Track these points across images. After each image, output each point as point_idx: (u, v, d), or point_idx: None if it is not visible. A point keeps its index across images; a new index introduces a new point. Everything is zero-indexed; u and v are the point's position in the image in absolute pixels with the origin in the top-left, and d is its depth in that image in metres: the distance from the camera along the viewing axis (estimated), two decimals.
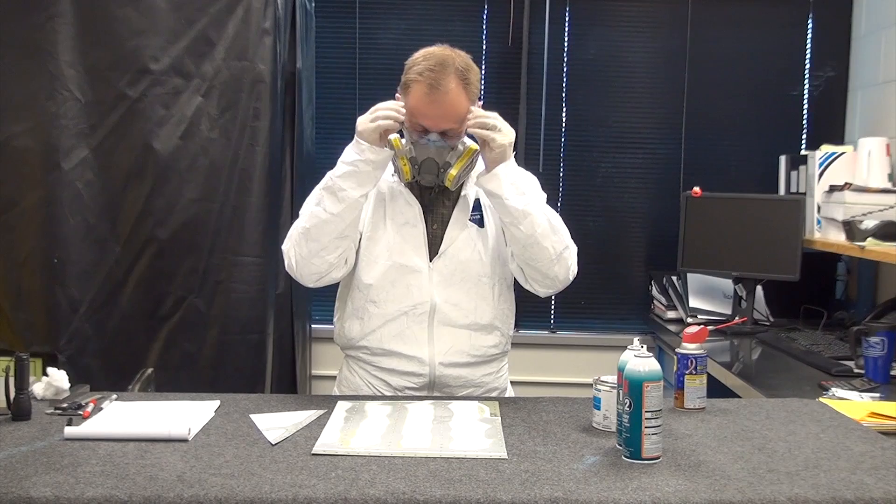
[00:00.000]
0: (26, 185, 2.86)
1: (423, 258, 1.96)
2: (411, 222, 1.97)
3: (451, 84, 1.86)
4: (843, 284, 3.38)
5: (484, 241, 2.00)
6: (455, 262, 1.97)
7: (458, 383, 1.99)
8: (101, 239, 2.90)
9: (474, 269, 1.98)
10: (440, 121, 1.89)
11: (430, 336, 1.97)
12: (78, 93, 2.85)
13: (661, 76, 3.59)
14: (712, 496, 1.30)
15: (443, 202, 2.00)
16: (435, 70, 1.86)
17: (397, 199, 1.99)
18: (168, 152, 2.88)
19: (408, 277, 1.95)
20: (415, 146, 1.91)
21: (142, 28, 2.85)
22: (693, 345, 1.81)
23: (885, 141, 3.00)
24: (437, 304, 1.96)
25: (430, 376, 1.97)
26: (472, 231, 1.99)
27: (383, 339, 1.98)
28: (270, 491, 1.30)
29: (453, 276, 1.97)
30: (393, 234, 1.97)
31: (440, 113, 1.88)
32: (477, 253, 1.98)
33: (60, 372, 1.86)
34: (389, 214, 1.98)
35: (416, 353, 1.96)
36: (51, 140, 2.83)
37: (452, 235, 1.97)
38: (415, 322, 1.96)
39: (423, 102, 1.87)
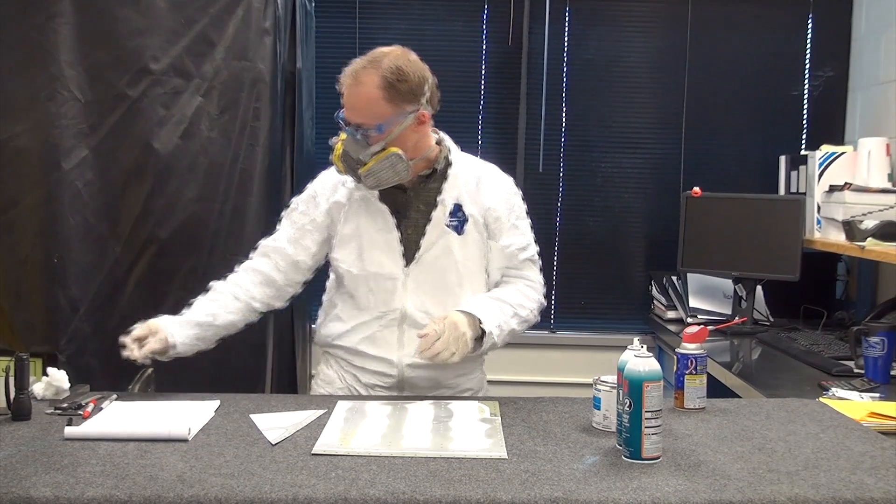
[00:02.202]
0: (26, 185, 2.86)
1: (398, 264, 1.97)
2: (384, 228, 1.97)
3: (369, 80, 1.85)
4: (843, 284, 3.38)
5: (462, 249, 1.99)
6: (431, 268, 1.97)
7: (428, 384, 2.00)
8: (101, 239, 2.90)
9: (450, 276, 1.98)
10: (352, 113, 1.89)
11: (399, 340, 1.98)
12: (78, 93, 2.84)
13: (661, 76, 3.59)
14: (712, 496, 1.30)
15: (417, 206, 1.99)
16: (362, 63, 1.88)
17: (370, 206, 1.99)
18: (168, 152, 2.88)
19: (384, 284, 1.97)
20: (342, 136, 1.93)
21: (142, 28, 2.85)
22: (693, 345, 1.81)
23: (885, 141, 3.00)
24: (408, 311, 1.97)
25: (399, 377, 1.99)
26: (449, 237, 1.98)
27: (355, 340, 2.01)
28: (270, 491, 1.30)
29: (427, 283, 1.97)
30: (366, 242, 1.98)
31: (352, 104, 1.88)
32: (453, 261, 1.98)
33: (60, 372, 1.86)
34: (363, 222, 1.99)
35: (386, 355, 1.99)
36: (51, 140, 2.83)
37: (430, 241, 1.97)
38: (385, 326, 1.99)
39: (345, 92, 1.89)
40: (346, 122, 1.90)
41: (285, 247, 2.05)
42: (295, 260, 2.05)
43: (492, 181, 2.06)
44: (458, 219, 1.98)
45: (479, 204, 2.01)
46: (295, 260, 2.05)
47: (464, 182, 2.01)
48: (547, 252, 3.63)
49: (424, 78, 1.92)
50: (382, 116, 1.87)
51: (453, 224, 1.98)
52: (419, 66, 1.92)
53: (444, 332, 1.82)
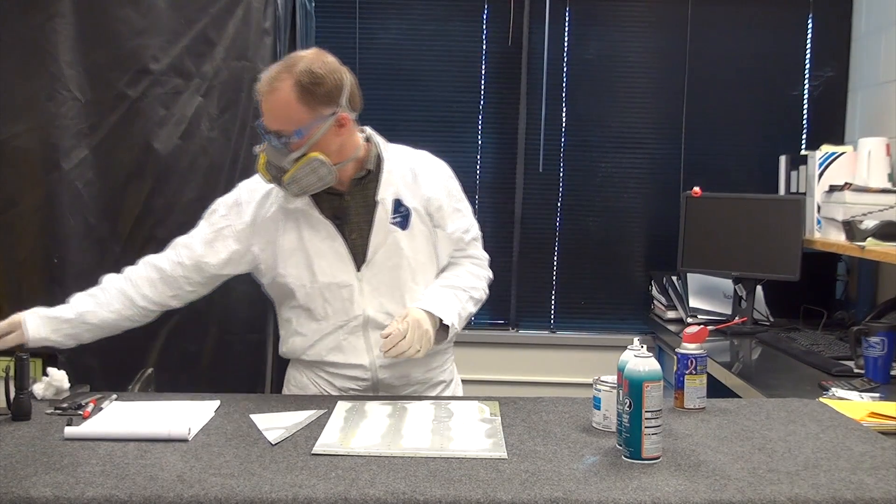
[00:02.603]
0: (26, 185, 2.85)
1: (349, 271, 1.95)
2: (328, 237, 1.94)
3: (283, 85, 1.82)
4: (843, 284, 3.38)
5: (410, 244, 1.96)
6: (383, 269, 1.95)
7: (401, 382, 2.00)
8: (101, 239, 2.89)
9: (403, 273, 1.96)
10: (270, 120, 1.86)
11: (367, 344, 1.97)
12: (78, 93, 2.84)
13: (661, 76, 3.59)
14: (712, 496, 1.30)
15: (358, 211, 1.96)
16: (277, 69, 1.85)
17: (309, 218, 1.95)
18: (168, 152, 2.88)
19: (341, 293, 1.95)
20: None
21: (142, 28, 2.85)
22: (693, 345, 1.81)
23: (885, 141, 3.00)
24: (369, 316, 1.95)
25: (373, 379, 1.99)
26: (396, 235, 1.95)
27: (322, 352, 1.99)
28: (270, 491, 1.30)
29: (382, 285, 1.95)
30: (313, 254, 1.95)
31: (269, 111, 1.86)
32: (404, 258, 1.95)
33: (60, 372, 1.86)
34: (305, 235, 1.95)
35: (357, 361, 1.98)
36: (51, 140, 2.83)
37: (377, 243, 1.94)
38: (350, 333, 1.97)
39: (262, 99, 1.87)
40: (266, 130, 1.87)
41: (196, 245, 2.02)
42: (201, 261, 2.00)
43: (428, 170, 2.03)
44: (400, 215, 1.96)
45: (419, 196, 1.98)
46: (201, 261, 2.00)
47: (400, 177, 1.98)
48: (547, 252, 3.65)
49: (341, 80, 1.88)
50: (300, 122, 1.83)
51: (397, 221, 1.95)
52: (335, 67, 1.88)
53: (407, 331, 1.82)
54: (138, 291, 2.01)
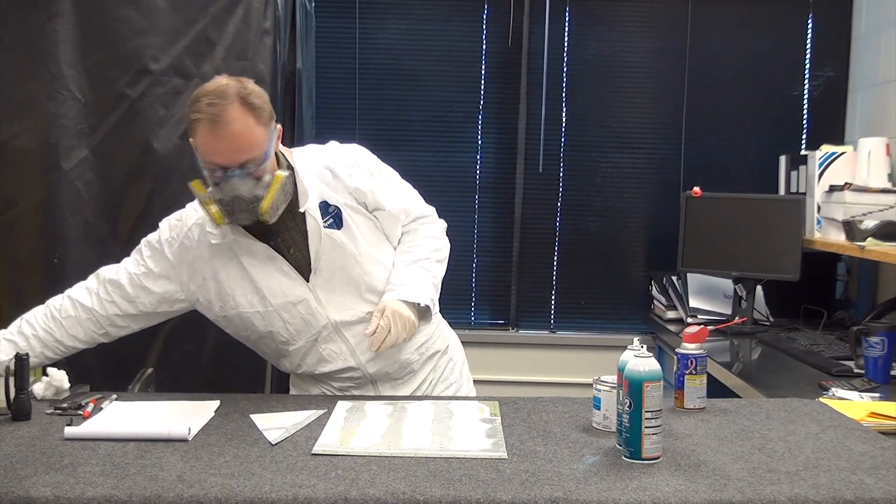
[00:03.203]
0: (26, 185, 2.86)
1: (300, 285, 1.91)
2: (268, 260, 1.90)
3: (235, 113, 1.72)
4: (843, 284, 3.38)
5: (352, 240, 1.92)
6: (331, 273, 1.91)
7: (395, 367, 1.99)
8: (101, 239, 2.89)
9: (353, 270, 1.93)
10: (234, 155, 1.75)
11: (348, 347, 1.96)
12: (78, 93, 2.84)
13: (661, 76, 3.59)
14: (712, 496, 1.30)
15: (287, 226, 1.91)
16: (214, 104, 1.72)
17: (241, 249, 1.90)
18: (168, 152, 2.88)
19: (297, 309, 1.91)
20: (219, 187, 1.78)
21: (142, 28, 2.85)
22: (693, 345, 1.81)
23: (885, 141, 3.00)
24: (336, 319, 1.93)
25: (366, 375, 1.98)
26: (332, 237, 1.90)
27: (310, 366, 1.99)
28: (270, 491, 1.30)
29: (335, 287, 1.92)
30: (259, 280, 1.90)
31: (230, 146, 1.74)
32: (349, 255, 1.92)
33: (60, 372, 1.86)
34: (245, 263, 1.91)
35: (344, 364, 1.97)
36: (51, 140, 2.83)
37: (317, 250, 1.90)
38: (328, 342, 1.95)
39: (210, 139, 1.74)
40: (225, 167, 1.76)
41: (126, 285, 1.97)
42: (136, 301, 1.97)
43: (343, 162, 1.95)
44: (331, 215, 1.91)
45: (344, 190, 1.93)
46: (136, 301, 1.97)
47: (317, 178, 1.91)
48: (547, 252, 3.65)
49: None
50: (263, 144, 1.77)
51: (329, 223, 1.91)
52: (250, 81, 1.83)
53: (390, 324, 1.82)
54: (68, 333, 1.98)
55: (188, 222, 1.97)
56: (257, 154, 1.77)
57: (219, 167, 1.77)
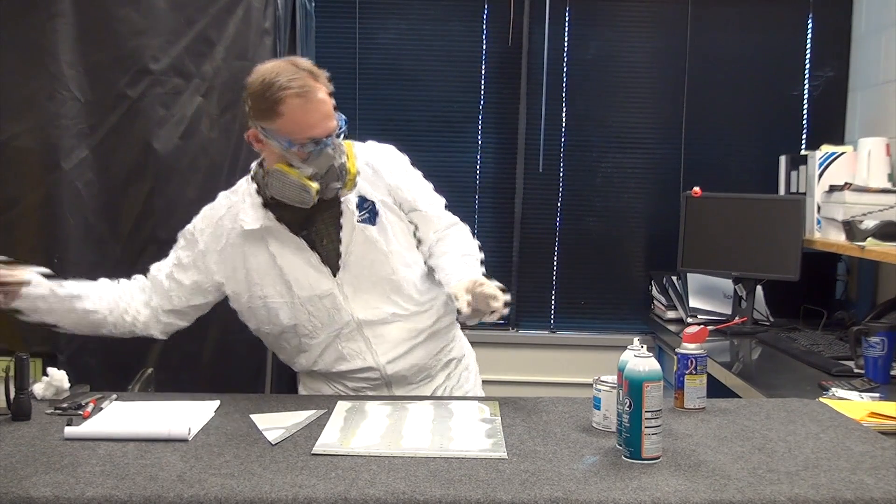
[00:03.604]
0: (26, 185, 2.86)
1: (327, 279, 1.92)
2: (298, 251, 1.92)
3: (315, 84, 1.81)
4: (843, 284, 3.38)
5: (384, 238, 1.93)
6: (360, 269, 1.92)
7: (412, 372, 1.99)
8: (101, 239, 2.89)
9: (381, 269, 1.93)
10: (327, 123, 1.82)
11: (367, 345, 1.96)
12: (78, 93, 2.84)
13: (661, 76, 3.59)
14: (712, 496, 1.30)
15: (323, 217, 1.93)
16: (296, 79, 1.79)
17: (275, 236, 1.92)
18: (168, 152, 2.88)
19: (324, 303, 1.92)
20: (309, 161, 1.82)
21: (142, 28, 2.85)
22: (693, 345, 1.81)
23: (885, 141, 3.00)
24: (359, 317, 1.94)
25: (383, 377, 1.98)
26: (366, 233, 1.92)
27: (327, 363, 1.99)
28: (270, 491, 1.30)
29: (363, 284, 1.93)
30: (287, 271, 1.92)
31: (323, 115, 1.82)
32: (380, 253, 1.93)
33: (60, 372, 1.86)
34: (275, 253, 1.92)
35: (361, 364, 1.97)
36: (51, 140, 2.83)
37: (347, 244, 1.91)
38: (348, 340, 1.96)
39: (303, 112, 1.79)
40: (318, 139, 1.82)
41: (162, 279, 2.01)
42: (170, 294, 2.00)
43: (383, 160, 2.00)
44: (366, 210, 1.93)
45: (382, 187, 1.96)
46: (170, 294, 2.00)
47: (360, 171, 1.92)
48: (547, 252, 3.65)
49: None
50: (335, 114, 1.85)
51: (365, 217, 1.93)
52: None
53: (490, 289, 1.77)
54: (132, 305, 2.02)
55: (221, 210, 2.00)
56: (336, 122, 1.85)
57: (311, 140, 1.81)
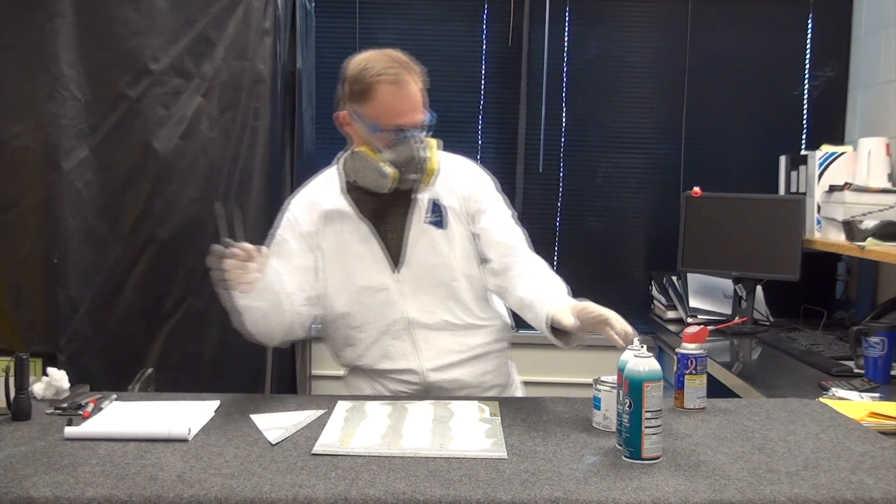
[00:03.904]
0: (26, 185, 2.86)
1: (386, 274, 1.93)
2: (365, 240, 1.93)
3: (408, 75, 1.85)
4: (843, 284, 3.38)
5: (448, 243, 1.95)
6: (420, 269, 1.93)
7: (453, 386, 1.98)
8: (101, 239, 2.90)
9: (441, 273, 1.94)
10: (414, 114, 1.87)
11: (414, 347, 1.96)
12: (78, 93, 2.85)
13: (661, 76, 3.59)
14: (712, 496, 1.30)
15: (396, 211, 1.95)
16: (392, 67, 1.84)
17: (347, 220, 1.94)
18: (168, 152, 2.88)
19: (378, 297, 1.93)
20: (392, 149, 1.87)
21: (142, 28, 2.85)
22: (693, 345, 1.81)
23: (885, 141, 3.00)
24: (411, 317, 1.94)
25: (424, 383, 1.97)
26: (433, 234, 1.94)
27: (372, 360, 1.99)
28: (270, 491, 1.30)
29: (421, 284, 1.94)
30: (350, 258, 1.94)
31: (411, 106, 1.86)
32: (441, 256, 1.94)
33: (60, 372, 1.86)
34: (344, 237, 1.94)
35: (405, 365, 1.97)
36: (51, 140, 2.83)
37: (413, 242, 1.93)
38: (396, 339, 1.96)
39: (393, 100, 1.84)
40: (403, 129, 1.86)
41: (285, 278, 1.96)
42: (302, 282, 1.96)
43: (462, 170, 2.03)
44: (437, 214, 1.95)
45: (455, 194, 1.97)
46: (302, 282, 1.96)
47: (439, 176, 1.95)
48: (547, 252, 3.63)
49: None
50: (424, 109, 1.89)
51: (434, 220, 1.94)
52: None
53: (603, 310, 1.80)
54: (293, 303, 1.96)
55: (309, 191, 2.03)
56: (424, 116, 1.89)
57: (396, 129, 1.86)
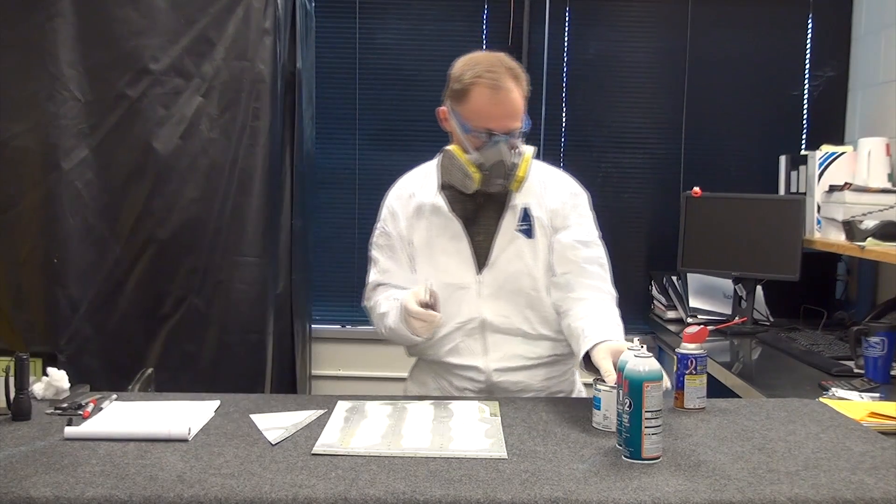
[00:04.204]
0: (26, 185, 2.86)
1: (470, 273, 1.96)
2: (454, 238, 1.96)
3: (510, 83, 1.87)
4: (843, 284, 3.38)
5: (533, 253, 1.97)
6: (504, 273, 1.95)
7: (517, 388, 1.98)
8: (101, 239, 2.90)
9: (523, 280, 1.96)
10: (507, 121, 1.88)
11: (484, 347, 1.97)
12: (78, 93, 2.85)
13: (661, 76, 3.59)
14: (712, 496, 1.30)
15: (487, 213, 1.98)
16: (492, 71, 1.86)
17: (439, 216, 1.97)
18: (168, 152, 2.88)
19: (458, 294, 1.95)
20: (481, 152, 1.89)
21: (142, 28, 2.85)
22: (693, 345, 1.80)
23: (885, 141, 3.00)
24: (486, 319, 1.95)
25: (487, 382, 1.98)
26: (520, 242, 1.96)
27: (440, 353, 1.99)
28: (270, 491, 1.30)
29: (502, 289, 1.95)
30: (438, 252, 1.97)
31: (506, 112, 1.88)
32: (525, 265, 1.96)
33: (60, 372, 1.86)
34: (433, 233, 1.97)
35: (472, 363, 1.97)
36: (51, 140, 2.83)
37: (501, 246, 1.95)
38: (467, 336, 1.97)
39: (489, 104, 1.87)
40: (494, 133, 1.88)
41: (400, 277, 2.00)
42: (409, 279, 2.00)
43: (556, 183, 2.06)
44: (527, 223, 1.97)
45: (545, 207, 2.00)
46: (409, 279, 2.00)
47: (532, 186, 1.99)
48: None
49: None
50: (523, 115, 1.92)
51: (523, 228, 1.97)
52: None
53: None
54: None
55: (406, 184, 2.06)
56: (520, 124, 1.91)
57: (487, 132, 1.88)
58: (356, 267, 3.52)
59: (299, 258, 3.19)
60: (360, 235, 3.51)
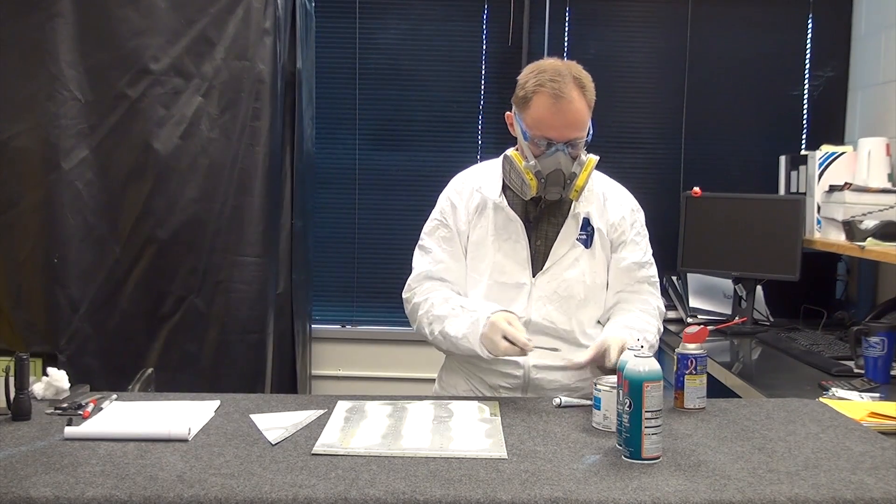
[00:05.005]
0: (26, 185, 2.86)
1: (525, 275, 1.97)
2: (514, 238, 1.97)
3: (574, 93, 1.87)
4: (843, 284, 3.38)
5: (589, 262, 1.98)
6: (558, 280, 1.96)
7: (553, 387, 1.98)
8: (101, 239, 2.90)
9: (576, 289, 1.97)
10: (567, 130, 1.88)
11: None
12: (78, 93, 2.85)
13: (661, 76, 3.59)
14: (712, 496, 1.30)
15: (549, 219, 1.99)
16: (556, 80, 1.86)
17: (500, 216, 1.98)
18: (168, 152, 2.88)
19: (510, 293, 1.96)
20: (539, 160, 1.90)
21: (142, 28, 2.85)
22: (693, 345, 1.81)
23: (885, 141, 3.00)
24: (533, 321, 1.96)
25: (525, 378, 1.98)
26: (577, 250, 1.98)
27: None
28: (270, 491, 1.30)
29: (554, 294, 1.97)
30: (496, 251, 1.98)
31: (566, 122, 1.88)
32: (580, 273, 1.97)
33: (60, 372, 1.86)
34: (493, 231, 1.98)
35: (511, 359, 1.96)
36: (51, 140, 2.83)
37: (559, 253, 1.97)
38: None
39: (549, 113, 1.87)
40: (553, 142, 1.88)
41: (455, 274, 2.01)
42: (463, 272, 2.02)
43: (617, 197, 2.08)
44: (587, 233, 1.99)
45: (605, 219, 2.02)
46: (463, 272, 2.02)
47: (594, 196, 2.02)
48: None
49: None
50: (587, 125, 1.91)
51: (582, 238, 1.98)
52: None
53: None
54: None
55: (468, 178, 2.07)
56: (583, 134, 1.91)
57: (547, 140, 1.89)
58: (356, 267, 3.52)
59: (299, 258, 3.19)
60: (359, 235, 3.51)
